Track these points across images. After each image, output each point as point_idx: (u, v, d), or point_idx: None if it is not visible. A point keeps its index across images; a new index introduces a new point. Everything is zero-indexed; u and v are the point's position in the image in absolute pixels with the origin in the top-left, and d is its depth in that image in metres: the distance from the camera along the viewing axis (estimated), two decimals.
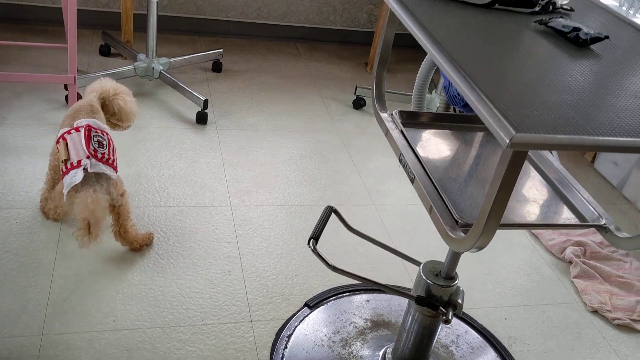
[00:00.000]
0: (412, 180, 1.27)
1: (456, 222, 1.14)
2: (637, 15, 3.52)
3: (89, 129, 1.77)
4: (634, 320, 2.02)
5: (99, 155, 1.74)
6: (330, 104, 3.01)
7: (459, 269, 2.12)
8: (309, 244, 1.44)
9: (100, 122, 1.84)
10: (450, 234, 1.10)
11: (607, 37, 1.11)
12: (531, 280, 2.14)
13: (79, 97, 2.58)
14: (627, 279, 2.17)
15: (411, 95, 2.35)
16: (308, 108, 2.93)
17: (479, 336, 1.88)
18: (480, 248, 1.04)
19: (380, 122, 1.45)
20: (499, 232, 1.76)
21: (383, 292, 1.96)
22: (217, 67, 3.07)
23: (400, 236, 2.21)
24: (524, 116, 0.82)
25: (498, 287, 2.08)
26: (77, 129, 1.77)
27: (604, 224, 1.21)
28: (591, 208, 1.25)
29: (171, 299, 1.78)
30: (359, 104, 2.99)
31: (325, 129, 2.78)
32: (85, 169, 1.69)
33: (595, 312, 2.05)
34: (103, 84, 1.98)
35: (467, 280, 2.09)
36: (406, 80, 3.37)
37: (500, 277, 2.13)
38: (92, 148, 1.73)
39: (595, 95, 0.94)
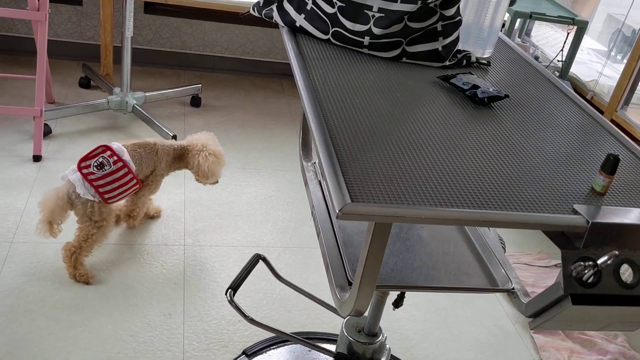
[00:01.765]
0: (318, 235, 1.22)
1: (350, 282, 1.10)
2: (624, 60, 3.46)
3: (103, 149, 1.83)
4: None
5: (85, 172, 1.80)
6: None
7: (415, 320, 2.05)
8: (226, 294, 1.40)
9: (126, 153, 1.88)
10: (337, 295, 1.05)
11: (507, 95, 1.07)
12: (489, 334, 2.06)
13: (47, 128, 2.59)
14: (590, 336, 2.08)
15: None
16: (282, 146, 2.90)
17: None
18: (359, 313, 0.99)
19: (302, 171, 1.42)
20: None
21: (326, 342, 1.90)
22: (195, 101, 3.07)
23: None
24: (371, 186, 0.77)
25: (452, 341, 2.00)
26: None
27: (512, 289, 1.15)
28: (504, 272, 1.20)
29: (104, 342, 1.74)
30: None
31: (295, 168, 2.75)
32: (66, 175, 1.84)
33: None
34: (198, 137, 2.08)
35: (422, 332, 2.01)
36: None
37: (457, 329, 2.05)
38: (86, 164, 1.81)
39: (468, 161, 0.90)
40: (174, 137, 2.60)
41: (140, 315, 1.85)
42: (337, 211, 0.71)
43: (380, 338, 1.43)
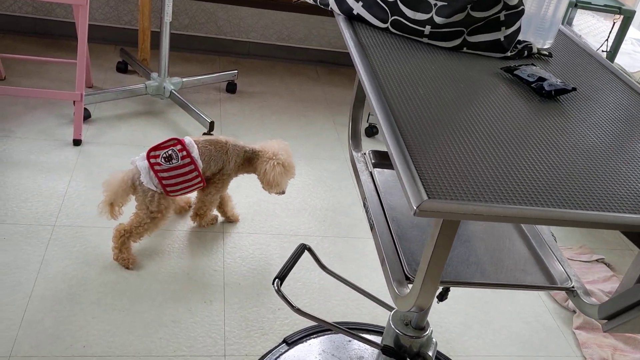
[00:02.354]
0: (371, 228, 1.21)
1: (407, 277, 1.08)
2: None
3: (174, 142, 1.84)
4: None
5: (153, 162, 1.82)
6: (342, 130, 2.96)
7: (456, 313, 2.03)
8: (273, 284, 1.39)
9: (196, 149, 1.89)
10: (396, 290, 1.04)
11: (574, 88, 1.03)
12: (530, 329, 2.03)
13: (87, 112, 2.60)
14: (634, 334, 2.04)
15: None
16: (318, 134, 2.89)
17: None
18: (421, 309, 0.97)
19: (353, 162, 1.40)
20: None
21: (368, 333, 1.89)
22: (231, 88, 3.06)
23: None
24: (443, 181, 0.75)
25: (493, 335, 1.98)
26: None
27: (572, 287, 1.12)
28: (562, 270, 1.17)
29: (146, 326, 1.75)
30: (371, 131, 2.93)
31: (332, 157, 2.73)
32: (135, 160, 1.87)
33: None
34: (271, 144, 2.06)
35: (462, 326, 1.99)
36: None
37: (498, 324, 2.03)
38: (155, 154, 1.82)
39: (538, 155, 0.87)
40: (212, 123, 2.59)
41: (182, 301, 1.86)
42: (415, 208, 0.70)
43: (427, 332, 1.41)
